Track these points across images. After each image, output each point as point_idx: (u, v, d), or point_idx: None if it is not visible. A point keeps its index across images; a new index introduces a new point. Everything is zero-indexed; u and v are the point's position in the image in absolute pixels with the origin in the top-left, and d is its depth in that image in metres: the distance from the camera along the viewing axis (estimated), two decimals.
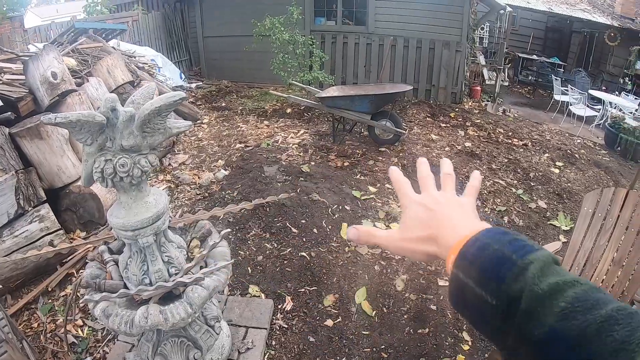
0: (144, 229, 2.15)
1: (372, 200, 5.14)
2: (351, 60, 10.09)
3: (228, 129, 7.78)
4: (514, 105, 10.39)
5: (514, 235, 0.58)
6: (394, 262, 4.16)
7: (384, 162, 6.16)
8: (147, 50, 10.70)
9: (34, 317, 3.63)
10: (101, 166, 2.04)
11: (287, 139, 7.00)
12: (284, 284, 3.77)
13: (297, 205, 4.67)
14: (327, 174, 5.60)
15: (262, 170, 5.58)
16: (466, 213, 0.73)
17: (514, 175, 6.23)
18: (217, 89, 10.87)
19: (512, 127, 8.40)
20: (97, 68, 6.65)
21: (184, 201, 5.37)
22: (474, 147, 6.96)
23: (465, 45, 9.19)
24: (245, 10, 10.16)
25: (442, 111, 8.74)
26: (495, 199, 5.50)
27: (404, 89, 6.67)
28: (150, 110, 1.94)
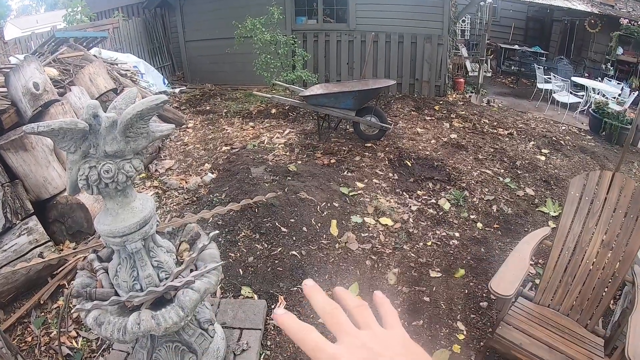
0: (131, 234, 2.14)
1: (360, 196, 5.16)
2: (334, 58, 10.10)
3: (213, 132, 7.75)
4: (498, 96, 10.46)
5: None
6: (385, 256, 4.18)
7: (371, 158, 6.18)
8: (129, 57, 10.64)
9: (28, 331, 3.59)
10: (85, 173, 2.03)
11: (273, 139, 7.00)
12: (276, 284, 3.77)
13: (286, 204, 4.66)
14: (314, 172, 5.60)
15: (249, 171, 5.56)
16: None
17: (501, 164, 6.28)
18: (201, 93, 10.81)
19: (496, 117, 8.47)
20: (79, 77, 6.60)
21: (172, 206, 5.34)
22: (459, 139, 7.01)
23: (447, 38, 9.25)
24: (226, 14, 10.14)
25: (427, 104, 8.78)
26: (483, 189, 5.54)
27: (387, 84, 6.70)
28: (132, 115, 1.93)
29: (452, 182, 5.61)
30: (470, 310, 3.63)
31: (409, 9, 9.21)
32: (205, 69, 11.88)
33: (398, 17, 9.33)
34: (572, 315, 2.88)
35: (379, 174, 5.75)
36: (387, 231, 4.58)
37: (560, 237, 3.04)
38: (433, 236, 4.54)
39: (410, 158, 6.17)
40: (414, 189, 5.47)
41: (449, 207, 5.08)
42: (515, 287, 2.50)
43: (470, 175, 5.83)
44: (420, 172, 5.83)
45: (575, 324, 2.82)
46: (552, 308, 2.95)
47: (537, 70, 10.17)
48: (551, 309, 2.94)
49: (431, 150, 6.51)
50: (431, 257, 4.21)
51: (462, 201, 5.17)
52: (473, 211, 5.05)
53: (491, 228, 4.80)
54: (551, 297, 2.97)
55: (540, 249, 3.10)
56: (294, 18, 10.32)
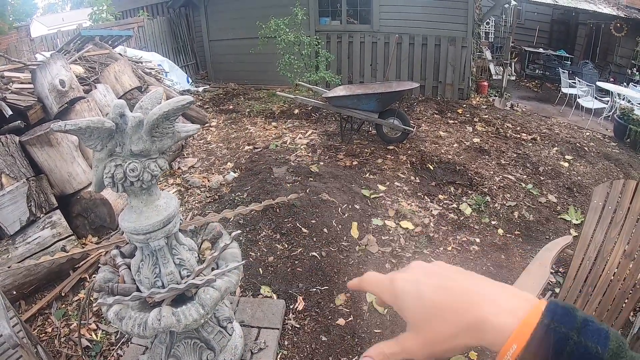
0: (155, 232, 2.17)
1: (381, 199, 5.14)
2: (357, 59, 10.08)
3: (236, 132, 7.80)
4: (521, 100, 10.33)
5: (578, 314, 0.47)
6: (405, 260, 4.16)
7: (393, 160, 6.15)
8: (154, 55, 10.75)
9: (48, 322, 3.66)
10: (111, 171, 2.06)
11: (296, 139, 7.02)
12: (295, 284, 3.77)
13: (307, 205, 4.67)
14: (336, 173, 5.60)
15: (271, 171, 5.59)
16: (484, 279, 0.55)
17: (523, 169, 6.20)
18: (224, 92, 10.88)
19: (520, 121, 8.36)
20: (104, 75, 6.69)
21: (194, 204, 5.39)
22: (482, 143, 6.94)
23: (471, 40, 9.16)
24: (250, 14, 10.19)
25: (450, 107, 8.70)
26: (505, 194, 5.48)
27: (411, 87, 6.66)
28: (158, 115, 1.96)
29: (473, 187, 5.56)
30: None
31: (433, 11, 9.15)
32: (228, 68, 11.96)
33: (422, 19, 9.28)
34: None
35: (401, 177, 5.73)
36: (408, 235, 4.56)
37: (581, 246, 2.98)
38: (453, 241, 4.51)
39: (433, 162, 6.12)
40: (435, 193, 5.44)
41: (470, 212, 5.03)
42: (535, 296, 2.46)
43: (492, 180, 5.78)
44: (442, 176, 5.80)
45: None
46: None
47: (562, 75, 10.02)
48: None
49: (453, 154, 6.46)
50: (451, 262, 4.16)
51: (484, 206, 5.12)
52: (494, 217, 5.00)
53: (512, 234, 4.74)
54: None
55: (561, 257, 3.05)
56: (318, 19, 10.33)
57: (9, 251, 3.94)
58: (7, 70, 6.34)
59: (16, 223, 4.10)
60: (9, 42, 10.31)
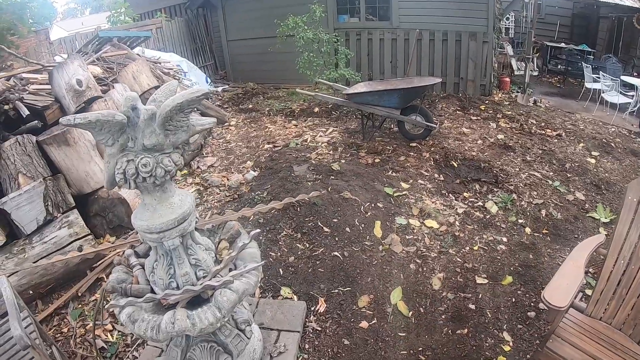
0: (169, 231, 2.08)
1: (404, 197, 4.98)
2: (377, 56, 9.92)
3: (256, 130, 7.73)
4: (544, 95, 10.03)
5: None
6: (430, 260, 4.00)
7: (416, 158, 5.99)
8: (172, 56, 10.75)
9: (64, 322, 3.64)
10: (123, 167, 1.97)
11: (316, 137, 6.90)
12: (317, 285, 3.65)
13: (329, 204, 4.54)
14: (358, 171, 5.46)
15: (292, 170, 5.48)
16: None
17: (550, 166, 5.99)
18: (243, 92, 10.86)
19: (544, 117, 8.11)
20: (122, 75, 6.68)
21: (213, 203, 5.31)
22: (507, 139, 6.72)
23: (492, 35, 8.92)
24: (267, 13, 10.08)
25: (472, 104, 8.49)
26: (532, 192, 5.26)
27: (433, 82, 6.48)
28: (171, 107, 1.86)
29: (499, 184, 5.35)
30: (517, 320, 3.42)
31: (453, 6, 8.93)
32: (247, 68, 11.91)
33: (441, 15, 9.07)
34: (625, 330, 2.64)
35: (424, 174, 5.56)
36: (433, 234, 4.40)
37: (615, 245, 2.80)
38: (480, 240, 4.33)
39: (456, 159, 5.94)
40: (460, 190, 5.26)
41: (497, 210, 4.84)
42: (570, 298, 2.31)
43: (518, 177, 5.57)
44: (467, 174, 5.60)
45: (628, 340, 2.59)
46: (604, 321, 2.72)
47: (586, 69, 9.69)
48: (603, 323, 2.71)
49: (477, 151, 6.26)
50: (477, 263, 4.01)
51: (510, 204, 4.92)
52: (521, 215, 4.80)
53: (540, 233, 4.55)
54: (603, 310, 2.74)
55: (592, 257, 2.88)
56: (336, 16, 10.20)
57: (25, 251, 3.92)
58: (25, 72, 6.38)
59: (33, 222, 4.09)
60: (28, 46, 10.38)
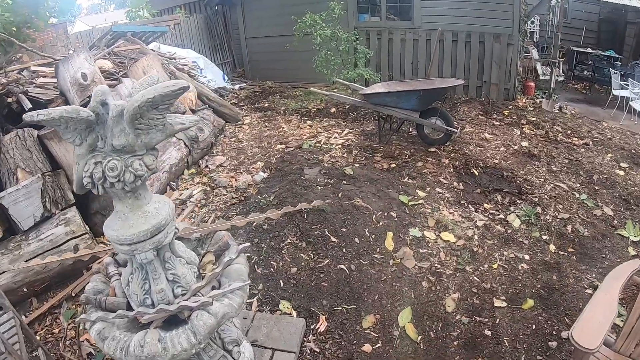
0: (141, 243, 1.84)
1: (420, 206, 4.66)
2: (397, 57, 9.59)
3: (269, 130, 7.50)
4: (570, 102, 9.53)
5: None
6: (445, 277, 3.69)
7: (434, 164, 5.64)
8: (189, 52, 10.62)
9: (57, 322, 3.55)
10: (90, 170, 1.75)
11: (331, 139, 6.62)
12: (319, 301, 3.37)
13: (338, 211, 4.26)
14: (372, 176, 5.16)
15: (302, 172, 5.22)
16: None
17: (576, 177, 5.59)
18: (260, 90, 10.66)
19: (570, 124, 7.66)
20: (132, 69, 6.53)
21: (218, 205, 5.11)
22: (531, 147, 6.32)
23: (518, 38, 8.52)
24: (286, 10, 9.80)
25: (495, 109, 8.09)
26: (557, 205, 4.89)
27: (455, 84, 6.20)
28: (140, 102, 1.59)
29: (522, 195, 4.99)
30: (537, 351, 3.08)
31: (477, 6, 8.54)
32: (265, 66, 11.71)
33: (465, 15, 8.67)
34: None
35: (443, 182, 5.22)
36: (449, 248, 4.07)
37: None
38: (500, 257, 3.98)
39: (478, 166, 5.57)
40: (480, 201, 4.91)
41: (519, 224, 4.48)
42: (601, 338, 2.01)
43: (543, 188, 5.19)
44: (488, 183, 5.25)
45: None
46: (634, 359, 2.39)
47: (613, 76, 9.19)
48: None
49: (500, 159, 5.88)
50: (496, 283, 3.67)
51: (534, 218, 4.56)
52: (545, 230, 4.43)
53: (565, 252, 4.17)
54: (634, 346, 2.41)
55: None
56: (357, 15, 9.90)
57: (21, 247, 3.85)
58: (36, 65, 6.28)
59: (30, 219, 4.03)
60: (45, 39, 10.30)
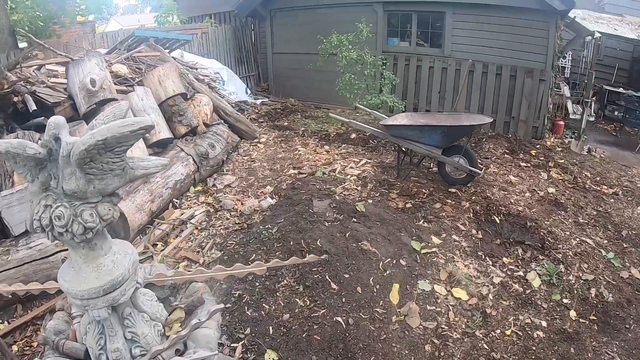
0: (93, 300, 1.57)
1: (433, 255, 4.29)
2: (424, 85, 9.28)
3: (285, 151, 7.25)
4: (599, 144, 9.00)
5: None
6: (451, 342, 3.32)
7: (453, 207, 5.25)
8: (213, 62, 10.49)
9: (37, 334, 3.40)
10: (39, 213, 1.47)
11: (347, 168, 6.30)
12: (308, 356, 3.05)
13: (343, 254, 3.94)
14: (385, 216, 4.82)
15: (311, 204, 4.92)
16: None
17: (604, 232, 5.14)
18: (282, 107, 10.42)
19: (598, 169, 7.22)
20: (148, 77, 6.39)
21: (219, 230, 4.87)
22: (558, 194, 5.89)
23: (550, 74, 8.15)
24: (316, 28, 9.52)
25: (522, 147, 7.69)
26: (582, 264, 4.47)
27: (482, 122, 5.80)
28: (89, 145, 1.32)
29: (545, 250, 4.57)
30: None
31: (510, 38, 8.21)
32: (290, 83, 11.49)
33: (497, 47, 8.36)
34: None
35: (461, 229, 4.83)
36: (459, 307, 3.70)
37: None
38: (514, 322, 3.58)
39: (500, 213, 5.16)
40: (499, 254, 4.51)
41: (539, 284, 4.07)
42: None
43: (568, 243, 4.77)
44: (510, 233, 4.83)
45: None
46: None
47: None
48: None
49: (524, 206, 5.46)
50: (507, 353, 3.29)
51: (556, 278, 4.15)
52: (567, 293, 4.00)
53: (586, 320, 3.75)
54: None
55: None
56: (386, 38, 9.66)
57: (10, 253, 3.73)
58: (50, 63, 6.14)
59: (22, 225, 3.87)
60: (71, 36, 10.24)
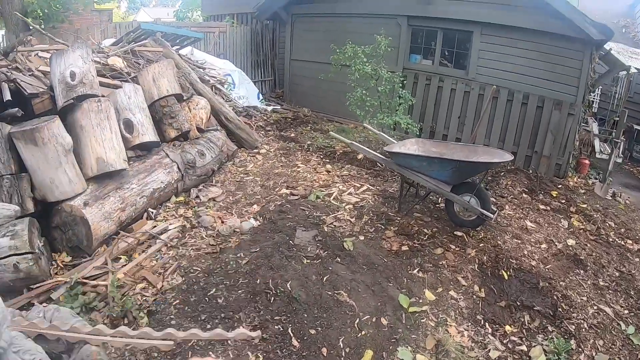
0: None
1: (423, 315, 3.63)
2: (444, 107, 8.67)
3: (283, 166, 6.74)
4: (624, 187, 8.20)
5: None
6: None
7: (456, 254, 4.57)
8: (226, 63, 10.08)
9: None
10: None
11: (344, 194, 5.68)
12: None
13: (314, 303, 3.36)
14: (374, 259, 4.19)
15: (294, 234, 4.36)
16: None
17: (625, 300, 4.41)
18: (293, 117, 9.96)
19: (623, 219, 6.44)
20: (142, 74, 6.00)
21: (189, 251, 4.34)
22: (578, 249, 5.14)
23: (580, 108, 7.48)
24: (336, 37, 8.94)
25: (543, 186, 6.99)
26: (597, 340, 3.76)
27: (502, 160, 5.07)
28: None
29: (557, 319, 3.87)
30: None
31: (540, 66, 7.59)
32: (305, 92, 11.06)
33: (526, 74, 7.75)
34: None
35: (461, 283, 4.16)
36: None
37: None
38: None
39: (510, 267, 4.44)
40: (502, 319, 3.83)
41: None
42: None
43: (584, 312, 4.05)
44: (518, 293, 4.13)
45: None
46: None
47: None
48: None
49: (539, 260, 4.70)
50: None
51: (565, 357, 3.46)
52: None
53: None
54: None
55: None
56: (408, 55, 9.12)
57: None
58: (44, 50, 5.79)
59: None
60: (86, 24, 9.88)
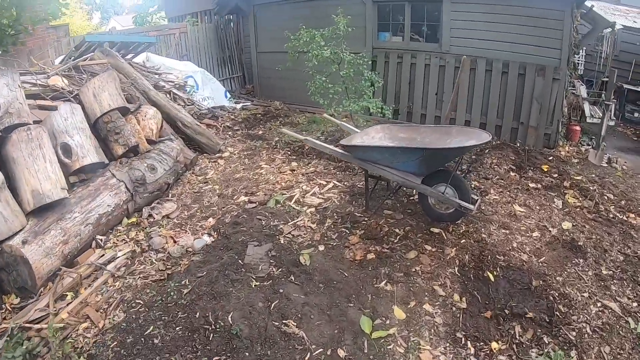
0: None
1: (389, 340, 3.01)
2: (420, 85, 8.12)
3: (245, 170, 6.23)
4: (618, 152, 7.70)
5: None
6: None
7: (433, 257, 3.93)
8: (187, 65, 9.56)
9: None
10: None
11: (307, 195, 5.11)
12: None
13: (257, 338, 2.84)
14: (333, 275, 3.60)
15: (245, 250, 3.84)
16: None
17: (633, 289, 3.75)
18: (263, 112, 9.49)
19: (622, 187, 5.80)
20: (83, 91, 5.51)
21: (137, 280, 3.87)
22: (576, 232, 4.47)
23: (565, 72, 6.92)
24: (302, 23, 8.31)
25: (532, 160, 6.38)
26: (602, 347, 3.13)
27: (479, 142, 4.25)
28: None
29: (554, 327, 3.21)
30: None
31: (519, 30, 7.01)
32: (275, 85, 10.55)
33: (503, 40, 7.19)
34: None
35: (438, 293, 3.54)
36: None
37: None
38: None
39: (496, 266, 3.76)
40: (487, 334, 3.16)
41: None
42: None
43: (585, 312, 3.41)
44: (507, 299, 3.43)
45: None
46: None
47: None
48: None
49: (530, 253, 4.02)
50: None
51: None
52: None
53: None
54: None
55: None
56: (376, 33, 8.55)
57: None
58: None
59: None
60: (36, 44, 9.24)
